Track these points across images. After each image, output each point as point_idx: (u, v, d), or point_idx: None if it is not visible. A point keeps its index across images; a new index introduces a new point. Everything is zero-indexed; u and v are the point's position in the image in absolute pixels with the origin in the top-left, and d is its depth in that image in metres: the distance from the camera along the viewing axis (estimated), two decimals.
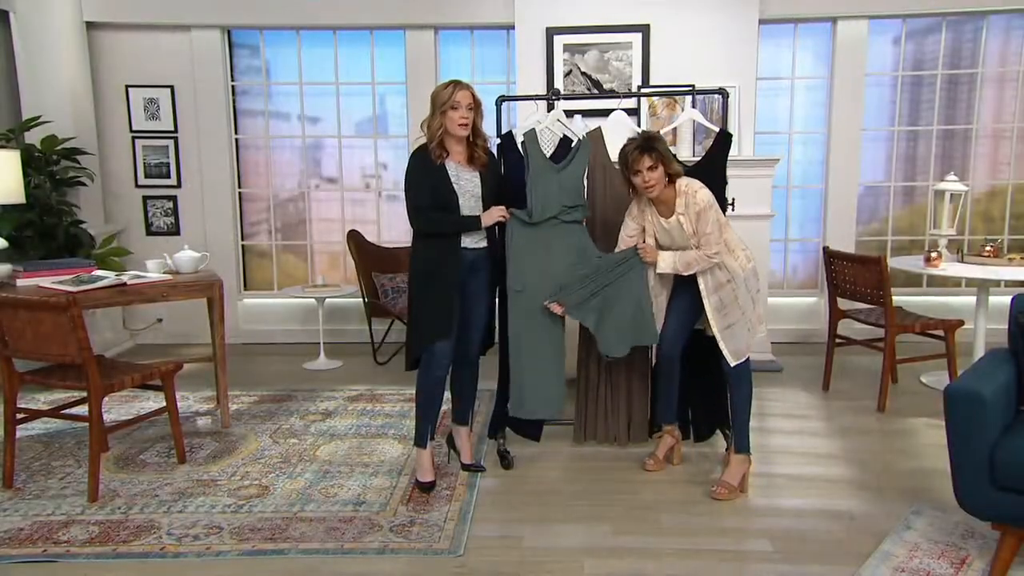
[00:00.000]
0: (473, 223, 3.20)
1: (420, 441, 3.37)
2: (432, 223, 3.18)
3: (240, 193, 6.08)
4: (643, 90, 5.29)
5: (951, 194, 4.80)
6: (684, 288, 3.39)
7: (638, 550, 2.87)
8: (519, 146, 3.48)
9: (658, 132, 3.35)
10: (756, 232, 5.18)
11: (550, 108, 5.01)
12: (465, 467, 3.54)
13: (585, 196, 3.58)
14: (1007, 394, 2.73)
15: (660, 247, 3.35)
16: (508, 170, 3.52)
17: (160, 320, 6.02)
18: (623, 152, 3.21)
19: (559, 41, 5.39)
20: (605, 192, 3.78)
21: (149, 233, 6.00)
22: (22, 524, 3.06)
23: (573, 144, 3.63)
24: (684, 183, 3.22)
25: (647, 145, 3.14)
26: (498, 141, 3.59)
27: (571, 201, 3.43)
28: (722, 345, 3.26)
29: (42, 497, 3.30)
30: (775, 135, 5.85)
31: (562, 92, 4.95)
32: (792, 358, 5.40)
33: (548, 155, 3.55)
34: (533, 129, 3.44)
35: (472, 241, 3.26)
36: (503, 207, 3.26)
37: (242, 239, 6.11)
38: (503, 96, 3.69)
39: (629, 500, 3.28)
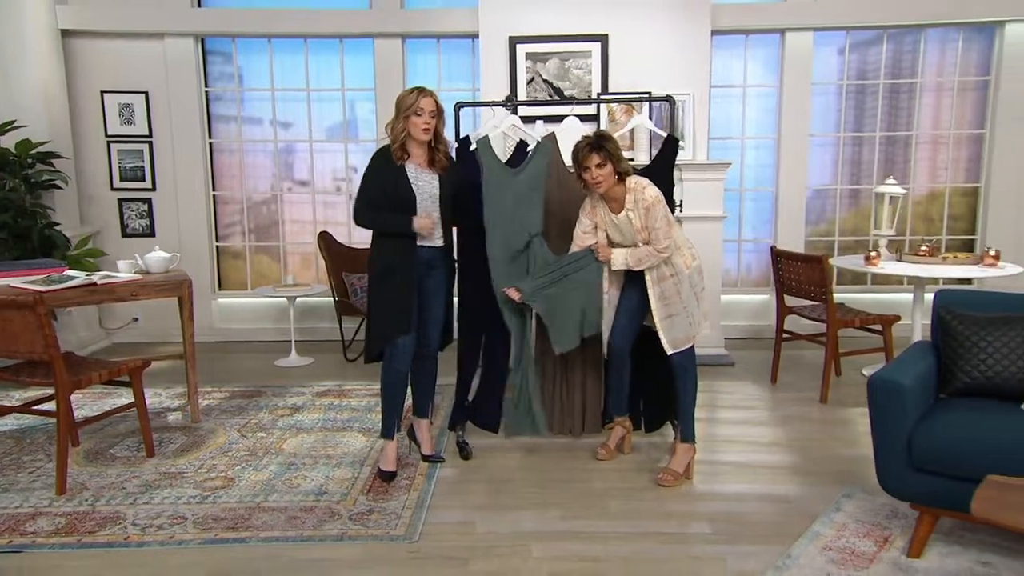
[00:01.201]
0: (406, 224, 3.18)
1: (387, 433, 3.41)
2: (369, 219, 3.23)
3: (214, 196, 6.06)
4: (602, 97, 5.35)
5: (890, 196, 4.92)
6: (633, 285, 3.45)
7: (586, 534, 2.92)
8: (474, 153, 3.51)
9: (610, 132, 3.39)
10: (709, 233, 5.27)
11: (514, 111, 5.13)
12: (425, 458, 3.58)
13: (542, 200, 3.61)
14: (927, 383, 2.82)
15: (611, 243, 3.40)
16: (464, 174, 3.55)
17: (136, 319, 5.99)
18: (575, 149, 3.26)
19: (521, 50, 5.44)
20: (560, 196, 3.83)
21: (125, 235, 5.96)
22: None
23: (529, 148, 3.68)
24: (633, 181, 3.28)
25: (597, 143, 3.19)
26: (456, 145, 3.63)
27: (528, 203, 3.48)
28: (661, 334, 3.32)
29: (11, 491, 3.29)
30: (728, 140, 5.94)
31: (521, 99, 5.00)
32: (744, 352, 5.49)
33: (506, 159, 3.59)
34: (486, 136, 3.49)
35: (428, 240, 3.29)
36: (431, 217, 3.24)
37: (216, 240, 6.10)
38: (461, 102, 3.73)
39: (580, 487, 3.33)
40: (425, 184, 3.23)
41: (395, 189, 3.18)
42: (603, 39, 5.43)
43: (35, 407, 3.58)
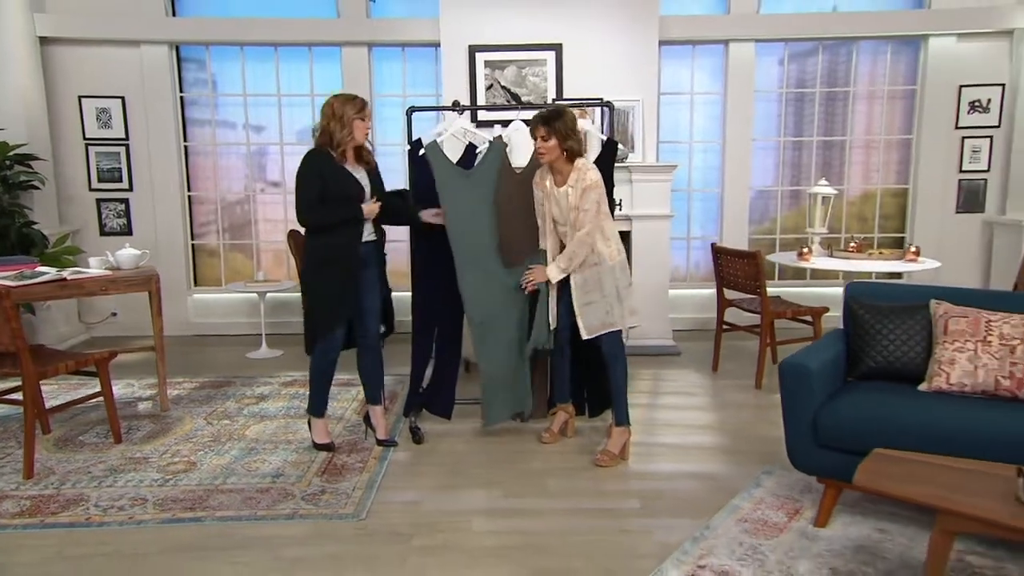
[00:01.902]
0: (357, 211, 3.28)
1: (318, 411, 3.52)
2: (323, 216, 3.26)
3: (189, 196, 6.05)
4: (557, 102, 5.39)
5: (822, 197, 5.03)
6: (565, 288, 3.47)
7: (525, 511, 2.99)
8: (424, 156, 3.56)
9: (567, 111, 3.34)
10: (657, 231, 5.36)
11: (474, 117, 5.17)
12: (380, 442, 3.62)
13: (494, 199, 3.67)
14: (835, 367, 2.91)
15: (553, 219, 3.45)
16: (415, 175, 3.60)
17: (115, 314, 5.96)
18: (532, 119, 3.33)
19: (480, 58, 5.48)
20: (510, 195, 3.87)
21: (103, 233, 5.93)
22: None
23: (479, 149, 3.73)
24: (581, 162, 3.33)
25: (547, 118, 3.24)
26: (408, 148, 3.68)
27: (481, 201, 3.53)
28: (578, 318, 3.38)
29: None
30: (678, 144, 6.03)
31: (482, 104, 5.04)
32: (691, 343, 5.58)
33: (455, 161, 3.64)
34: (434, 140, 3.54)
35: (364, 235, 3.35)
36: (377, 203, 3.36)
37: (192, 239, 6.09)
38: (413, 107, 3.77)
39: (523, 468, 3.39)
40: (361, 179, 3.34)
41: (344, 186, 3.26)
42: (557, 48, 5.49)
43: (5, 396, 3.58)
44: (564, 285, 3.50)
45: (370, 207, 3.30)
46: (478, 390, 3.89)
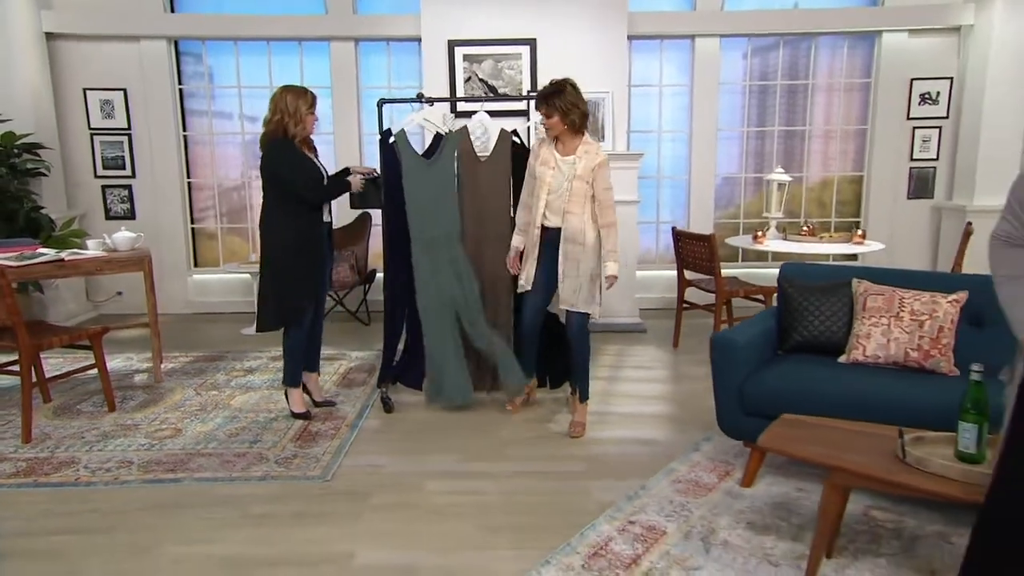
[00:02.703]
0: (346, 184, 3.46)
1: (294, 382, 3.59)
2: (326, 191, 3.39)
3: (189, 183, 6.09)
4: (530, 94, 5.40)
5: (778, 184, 5.05)
6: (543, 267, 3.41)
7: (477, 473, 3.05)
8: (393, 145, 3.60)
9: (567, 87, 3.27)
10: (624, 216, 5.35)
11: (453, 109, 5.19)
12: (318, 404, 3.71)
13: (456, 186, 3.70)
14: (764, 341, 2.96)
15: (549, 187, 3.31)
16: (384, 163, 3.64)
17: (120, 293, 6.03)
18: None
19: (459, 52, 5.49)
20: (474, 181, 3.90)
21: (108, 218, 5.98)
22: None
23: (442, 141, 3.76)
24: (589, 138, 3.32)
25: (545, 96, 3.24)
26: (379, 138, 3.71)
27: (443, 189, 3.57)
28: (560, 285, 3.32)
29: None
30: (648, 133, 6.04)
31: (427, 95, 5.03)
32: (656, 321, 5.62)
33: (424, 150, 3.67)
34: (403, 130, 3.57)
35: (324, 216, 3.44)
36: (359, 175, 3.51)
37: (192, 223, 6.14)
38: (383, 99, 3.80)
39: (483, 435, 3.45)
40: (317, 162, 3.43)
41: (312, 171, 3.34)
42: (532, 43, 5.49)
43: (5, 368, 3.65)
44: (544, 254, 3.39)
45: (356, 179, 3.42)
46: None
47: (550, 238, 3.37)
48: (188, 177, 6.08)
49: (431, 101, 3.90)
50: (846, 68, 5.89)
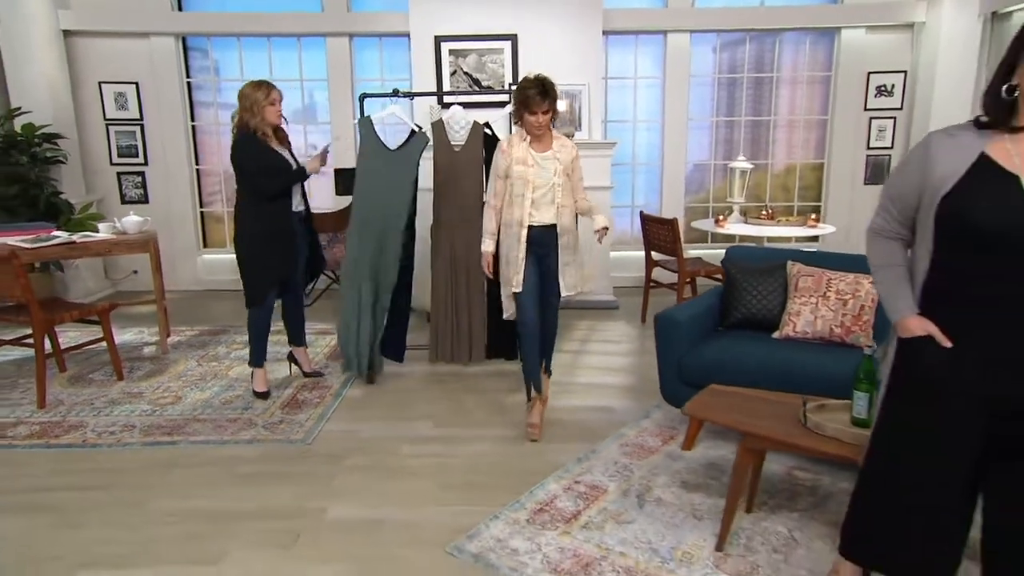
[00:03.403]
0: (303, 171, 3.37)
1: (259, 362, 3.57)
2: (280, 182, 3.31)
3: (197, 169, 6.14)
4: (511, 87, 5.40)
5: (740, 171, 5.06)
6: (533, 265, 3.13)
7: (447, 438, 3.13)
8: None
9: (552, 82, 2.98)
10: (598, 201, 5.34)
11: (440, 101, 5.19)
12: (307, 375, 3.78)
13: (413, 189, 3.67)
14: (706, 317, 3.02)
15: (534, 184, 3.04)
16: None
17: (135, 272, 6.11)
18: (523, 89, 2.93)
19: (445, 47, 5.48)
20: (451, 169, 3.95)
21: (124, 202, 6.03)
22: None
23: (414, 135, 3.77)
24: (555, 132, 3.11)
25: (546, 92, 2.91)
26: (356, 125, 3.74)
27: (399, 179, 3.57)
28: (560, 276, 3.15)
29: (3, 405, 3.47)
30: (623, 123, 6.03)
31: (405, 90, 4.93)
32: (628, 299, 5.67)
33: (401, 143, 3.70)
34: (369, 116, 3.59)
35: (295, 205, 3.44)
36: (318, 159, 3.44)
37: (201, 206, 6.20)
38: (365, 93, 3.82)
39: (458, 404, 3.52)
40: (285, 154, 3.39)
41: (275, 162, 3.31)
42: (513, 38, 5.47)
43: (22, 341, 3.74)
44: (528, 270, 3.11)
45: (313, 163, 3.37)
46: (427, 337, 4.04)
47: (534, 236, 3.09)
48: (196, 164, 6.12)
49: (410, 96, 3.93)
50: (808, 62, 5.86)
